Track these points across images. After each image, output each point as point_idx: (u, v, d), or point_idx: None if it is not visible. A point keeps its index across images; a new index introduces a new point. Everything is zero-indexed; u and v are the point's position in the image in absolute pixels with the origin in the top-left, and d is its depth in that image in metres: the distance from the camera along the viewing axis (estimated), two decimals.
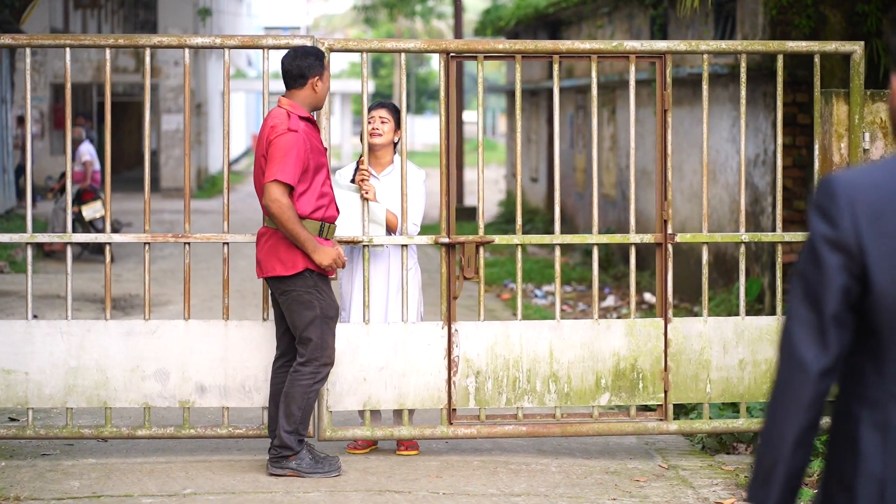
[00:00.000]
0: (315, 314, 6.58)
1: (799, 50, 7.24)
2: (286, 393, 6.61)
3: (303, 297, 6.57)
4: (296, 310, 6.59)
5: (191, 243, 7.09)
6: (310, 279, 6.57)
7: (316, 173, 6.56)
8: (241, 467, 6.86)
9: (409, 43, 7.14)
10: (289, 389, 6.60)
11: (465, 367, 7.05)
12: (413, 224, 7.18)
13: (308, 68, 6.62)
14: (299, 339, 6.62)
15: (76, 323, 6.96)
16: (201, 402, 6.99)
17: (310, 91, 6.64)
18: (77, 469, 6.83)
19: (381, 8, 42.35)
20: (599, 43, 7.14)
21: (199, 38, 7.06)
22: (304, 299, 6.57)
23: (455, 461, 7.07)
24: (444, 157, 7.03)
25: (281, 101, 6.66)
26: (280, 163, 6.39)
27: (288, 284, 6.57)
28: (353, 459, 7.07)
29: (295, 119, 6.50)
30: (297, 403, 6.59)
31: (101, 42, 7.12)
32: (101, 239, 7.15)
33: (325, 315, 6.62)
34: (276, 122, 6.51)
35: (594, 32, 17.78)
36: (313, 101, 6.66)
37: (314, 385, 6.63)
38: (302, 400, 6.60)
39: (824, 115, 7.26)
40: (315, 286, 6.59)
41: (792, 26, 11.78)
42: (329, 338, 6.66)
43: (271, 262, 6.58)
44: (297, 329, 6.61)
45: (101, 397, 6.95)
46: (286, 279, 6.56)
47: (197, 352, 6.96)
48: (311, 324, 6.58)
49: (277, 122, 6.51)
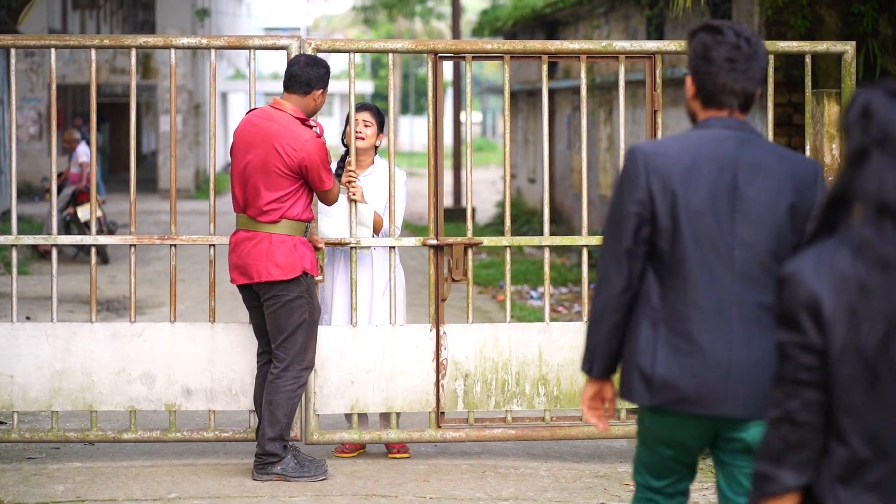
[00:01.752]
0: (304, 318, 6.54)
1: (790, 50, 7.18)
2: (269, 401, 6.55)
3: (295, 302, 6.52)
4: (284, 314, 6.54)
5: (184, 245, 7.06)
6: (304, 283, 6.52)
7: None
8: (228, 471, 6.81)
9: (396, 43, 7.09)
10: (272, 397, 6.55)
11: (453, 369, 7.00)
12: (395, 226, 7.13)
13: (317, 79, 6.58)
14: (280, 343, 6.56)
15: (61, 325, 6.91)
16: (188, 405, 6.94)
17: (310, 101, 6.60)
18: (62, 473, 6.78)
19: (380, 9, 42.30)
20: (589, 43, 7.09)
21: (186, 38, 7.02)
22: (296, 304, 6.52)
23: (443, 465, 7.02)
24: (431, 157, 6.98)
25: (283, 105, 6.58)
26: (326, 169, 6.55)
27: (281, 289, 6.51)
28: (341, 463, 7.02)
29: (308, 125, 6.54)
30: (283, 410, 6.54)
31: (86, 42, 7.06)
32: (86, 241, 7.10)
33: (312, 319, 6.58)
34: (294, 132, 6.46)
35: (590, 33, 17.74)
36: (310, 111, 6.62)
37: (298, 390, 6.58)
38: (287, 406, 6.55)
39: (816, 115, 7.20)
40: (308, 290, 6.55)
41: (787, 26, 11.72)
42: (312, 342, 6.63)
43: (265, 266, 6.49)
44: (281, 333, 6.55)
45: (86, 400, 6.90)
46: (281, 283, 6.50)
47: (183, 355, 6.91)
48: (298, 328, 6.53)
49: (297, 133, 6.46)
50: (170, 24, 30.67)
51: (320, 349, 6.88)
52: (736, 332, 3.62)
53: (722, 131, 3.67)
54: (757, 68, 3.67)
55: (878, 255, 2.59)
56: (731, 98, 3.68)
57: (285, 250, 6.48)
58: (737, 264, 3.62)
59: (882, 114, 2.64)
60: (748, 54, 3.66)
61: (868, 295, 2.60)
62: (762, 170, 3.64)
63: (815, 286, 2.64)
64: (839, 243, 2.65)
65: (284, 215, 6.50)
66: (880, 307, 2.59)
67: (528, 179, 22.98)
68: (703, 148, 3.65)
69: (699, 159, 3.63)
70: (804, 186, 3.68)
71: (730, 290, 3.62)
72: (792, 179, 3.67)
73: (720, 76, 3.65)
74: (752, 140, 3.68)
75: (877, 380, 2.60)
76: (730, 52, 3.65)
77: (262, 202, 6.49)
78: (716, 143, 3.65)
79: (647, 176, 3.62)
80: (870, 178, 2.62)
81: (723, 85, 3.66)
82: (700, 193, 3.61)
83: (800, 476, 2.70)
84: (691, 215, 3.61)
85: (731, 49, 3.65)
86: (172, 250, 7.09)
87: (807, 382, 2.67)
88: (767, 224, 3.63)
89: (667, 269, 3.65)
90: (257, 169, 6.48)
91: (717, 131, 3.68)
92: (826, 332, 2.63)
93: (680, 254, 3.63)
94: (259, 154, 6.48)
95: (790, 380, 2.69)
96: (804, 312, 2.65)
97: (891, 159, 2.61)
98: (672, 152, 3.65)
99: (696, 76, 3.69)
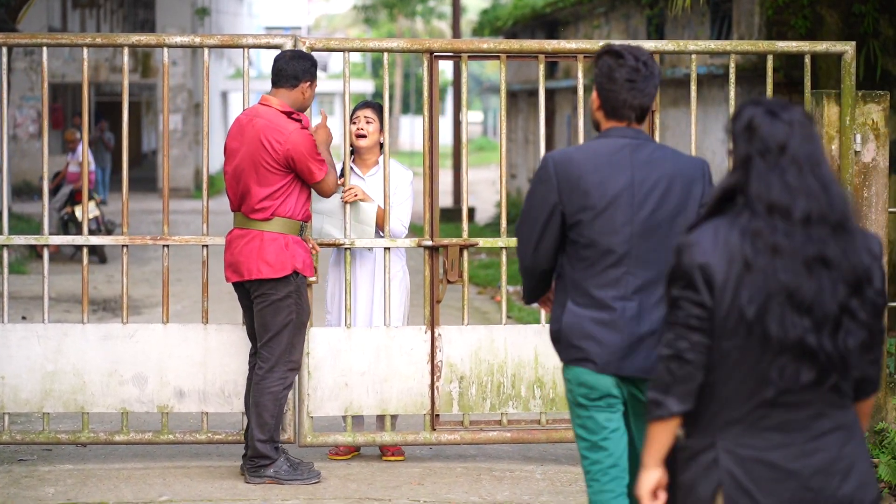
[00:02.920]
0: (291, 318, 6.48)
1: (789, 50, 7.11)
2: (256, 402, 6.50)
3: (283, 301, 6.46)
4: (271, 313, 6.48)
5: (184, 244, 7.01)
6: (293, 283, 6.46)
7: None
8: (220, 474, 6.74)
9: (391, 42, 7.02)
10: (258, 398, 6.49)
11: (448, 371, 6.94)
12: (402, 225, 7.10)
13: (303, 72, 6.53)
14: (266, 342, 6.51)
15: (53, 326, 6.85)
16: (180, 407, 6.87)
17: (298, 94, 6.54)
18: (53, 475, 6.72)
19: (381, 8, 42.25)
20: (585, 43, 7.02)
21: (179, 37, 6.96)
22: (284, 303, 6.46)
23: (438, 468, 6.96)
24: (427, 157, 6.91)
25: (269, 101, 6.53)
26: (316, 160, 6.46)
27: (271, 287, 6.46)
28: (335, 466, 6.95)
29: (295, 118, 6.46)
30: (270, 411, 6.49)
31: (78, 41, 7.00)
32: (77, 241, 7.04)
33: (299, 320, 6.52)
34: (278, 124, 6.41)
35: (591, 32, 17.67)
36: (299, 105, 6.56)
37: (284, 391, 6.52)
38: (274, 407, 6.49)
39: (815, 116, 7.13)
40: (297, 290, 6.49)
41: (788, 27, 11.66)
42: (299, 343, 6.56)
43: (256, 264, 6.46)
44: (267, 332, 6.50)
45: (78, 402, 6.84)
46: (270, 281, 6.45)
47: (176, 356, 6.85)
48: (285, 328, 6.47)
49: (281, 125, 6.40)
50: (170, 23, 30.60)
51: (314, 351, 6.82)
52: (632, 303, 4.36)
53: (621, 140, 4.39)
54: (652, 87, 4.39)
55: (768, 243, 3.23)
56: (630, 112, 4.38)
57: (276, 248, 6.43)
58: (633, 248, 4.34)
59: (763, 129, 3.29)
60: (645, 75, 4.35)
61: (753, 272, 3.23)
62: (655, 169, 4.36)
63: (711, 256, 3.26)
64: (730, 226, 3.28)
65: (276, 213, 6.44)
66: (763, 283, 3.22)
67: (529, 179, 22.95)
68: (605, 153, 4.36)
69: (601, 163, 4.35)
70: (691, 181, 4.39)
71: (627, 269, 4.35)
72: (681, 176, 4.38)
73: (622, 93, 4.35)
74: (646, 145, 4.40)
75: (749, 338, 3.24)
76: (630, 73, 4.34)
77: (253, 200, 6.45)
78: (616, 148, 4.38)
79: (556, 179, 4.35)
80: (756, 182, 3.27)
81: (623, 101, 4.36)
82: (604, 191, 4.33)
83: (683, 404, 3.30)
84: (597, 210, 4.33)
85: (631, 71, 4.34)
86: (165, 251, 7.03)
87: (695, 328, 3.28)
88: (661, 215, 4.35)
89: (576, 254, 4.38)
90: (248, 166, 6.44)
91: (618, 140, 4.39)
92: (714, 295, 3.25)
93: (587, 240, 4.35)
94: (248, 151, 6.44)
95: (681, 325, 3.29)
96: (699, 275, 3.27)
97: (772, 167, 3.27)
98: (577, 159, 4.37)
99: (601, 92, 4.40)
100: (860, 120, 7.08)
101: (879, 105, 7.11)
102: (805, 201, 3.26)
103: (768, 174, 3.29)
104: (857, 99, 7.08)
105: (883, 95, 7.13)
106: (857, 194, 7.08)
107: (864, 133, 7.08)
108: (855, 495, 3.27)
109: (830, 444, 3.28)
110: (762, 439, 3.28)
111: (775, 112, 3.33)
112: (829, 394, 3.28)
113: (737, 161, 3.35)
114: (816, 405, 3.28)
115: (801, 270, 3.24)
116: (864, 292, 3.30)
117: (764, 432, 3.28)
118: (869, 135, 7.09)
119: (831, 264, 3.26)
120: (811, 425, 3.28)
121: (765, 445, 3.27)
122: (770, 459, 3.27)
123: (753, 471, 3.27)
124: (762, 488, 3.25)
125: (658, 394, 3.33)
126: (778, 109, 3.34)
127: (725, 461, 3.27)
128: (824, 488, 3.25)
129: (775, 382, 3.26)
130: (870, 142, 7.10)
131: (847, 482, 3.26)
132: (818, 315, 3.24)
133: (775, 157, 3.29)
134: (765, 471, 3.27)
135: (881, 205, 7.13)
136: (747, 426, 3.29)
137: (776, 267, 3.24)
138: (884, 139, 7.12)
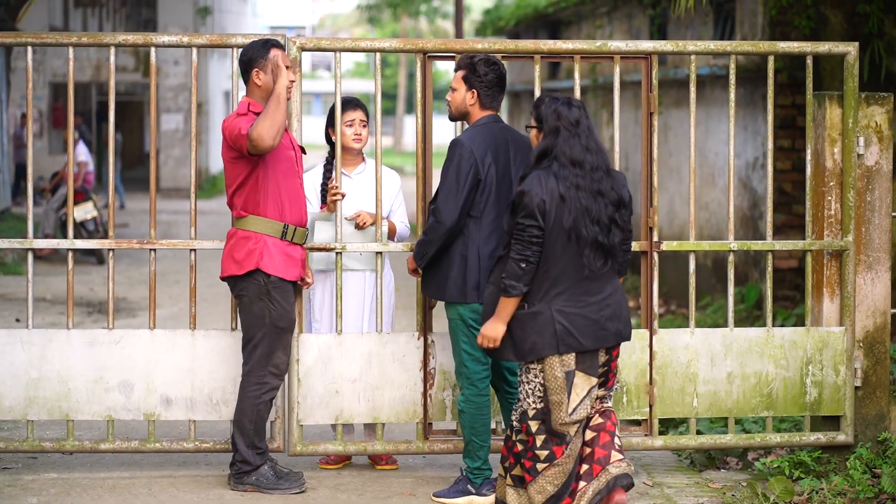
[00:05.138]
0: (263, 322, 6.31)
1: (790, 51, 6.95)
2: (238, 407, 6.36)
3: (254, 303, 6.31)
4: (244, 313, 6.37)
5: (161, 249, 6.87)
6: (261, 283, 6.29)
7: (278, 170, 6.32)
8: (207, 483, 6.60)
9: (384, 42, 6.86)
10: (239, 403, 6.36)
11: (441, 379, 6.79)
12: (405, 227, 7.11)
13: (249, 61, 6.34)
14: (244, 345, 6.37)
15: (37, 332, 6.70)
16: (167, 414, 6.72)
17: (254, 86, 6.36)
18: (37, 484, 6.58)
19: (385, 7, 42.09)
20: (583, 43, 6.86)
21: (166, 36, 6.80)
22: (254, 306, 6.31)
23: (431, 477, 6.81)
24: (420, 159, 6.75)
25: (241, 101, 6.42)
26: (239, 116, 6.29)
27: (240, 287, 6.34)
28: (325, 475, 6.80)
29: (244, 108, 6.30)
30: (248, 416, 6.35)
31: (64, 40, 6.89)
32: (63, 245, 6.90)
33: (274, 325, 6.34)
34: (230, 116, 6.34)
35: (593, 32, 17.51)
36: (261, 95, 6.35)
37: (263, 396, 6.36)
38: (252, 412, 6.34)
39: (817, 118, 6.97)
40: (266, 293, 6.30)
41: (791, 27, 11.49)
42: (278, 349, 6.38)
43: (227, 261, 6.39)
44: (244, 333, 6.38)
45: (63, 409, 6.69)
46: (239, 281, 6.33)
47: (162, 363, 6.70)
48: (258, 330, 6.32)
49: (230, 116, 6.34)
50: (172, 22, 30.47)
51: (304, 357, 6.67)
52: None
53: (495, 124, 6.25)
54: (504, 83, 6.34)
55: (573, 183, 5.56)
56: (497, 103, 6.29)
57: (246, 246, 6.30)
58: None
59: (565, 113, 5.64)
60: (503, 75, 6.31)
61: (566, 202, 5.54)
62: (518, 145, 6.24)
63: (542, 195, 5.54)
64: (547, 175, 5.58)
65: (246, 209, 6.32)
66: (573, 207, 5.53)
67: None
68: (490, 136, 6.18)
69: (490, 143, 6.16)
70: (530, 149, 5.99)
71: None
72: (529, 148, 6.00)
73: (492, 90, 6.25)
74: (508, 127, 6.30)
75: (568, 242, 5.55)
76: (497, 74, 6.26)
77: (228, 198, 6.45)
78: (497, 131, 6.23)
79: (471, 155, 6.09)
80: (562, 145, 5.60)
81: (493, 95, 6.27)
82: (497, 164, 6.15)
83: (525, 287, 5.57)
84: (496, 180, 6.14)
85: (498, 74, 6.26)
86: (152, 255, 6.90)
87: (535, 242, 5.55)
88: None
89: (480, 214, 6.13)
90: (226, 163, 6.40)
91: (493, 125, 6.24)
92: (546, 219, 5.53)
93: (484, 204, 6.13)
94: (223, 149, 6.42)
95: (527, 241, 5.53)
96: (537, 209, 5.53)
97: (572, 136, 5.61)
98: (476, 140, 6.14)
99: (479, 91, 6.23)
100: (863, 122, 6.91)
101: (883, 107, 6.95)
102: (591, 157, 5.60)
103: (570, 139, 5.60)
104: (861, 101, 6.91)
105: (887, 97, 6.96)
106: (859, 198, 6.92)
107: (867, 136, 6.92)
108: (625, 329, 5.68)
109: (612, 301, 5.63)
110: (578, 302, 5.57)
111: (569, 102, 5.66)
112: (609, 271, 5.64)
113: (547, 132, 5.64)
114: (604, 278, 5.63)
115: (591, 199, 5.56)
116: (622, 209, 5.64)
117: (579, 297, 5.58)
118: (872, 137, 6.93)
119: (606, 194, 5.60)
120: (602, 289, 5.62)
121: (580, 305, 5.57)
122: (584, 313, 5.57)
123: (574, 321, 5.55)
124: (580, 331, 5.56)
125: (512, 281, 5.55)
126: (570, 101, 5.67)
127: (557, 317, 5.55)
128: (610, 327, 5.61)
129: (586, 265, 5.56)
130: (873, 144, 6.93)
131: (621, 322, 5.66)
132: (602, 224, 5.57)
133: (574, 129, 5.61)
134: (581, 321, 5.56)
135: (885, 209, 6.96)
136: (569, 295, 5.58)
137: (579, 197, 5.54)
138: (887, 142, 6.95)
